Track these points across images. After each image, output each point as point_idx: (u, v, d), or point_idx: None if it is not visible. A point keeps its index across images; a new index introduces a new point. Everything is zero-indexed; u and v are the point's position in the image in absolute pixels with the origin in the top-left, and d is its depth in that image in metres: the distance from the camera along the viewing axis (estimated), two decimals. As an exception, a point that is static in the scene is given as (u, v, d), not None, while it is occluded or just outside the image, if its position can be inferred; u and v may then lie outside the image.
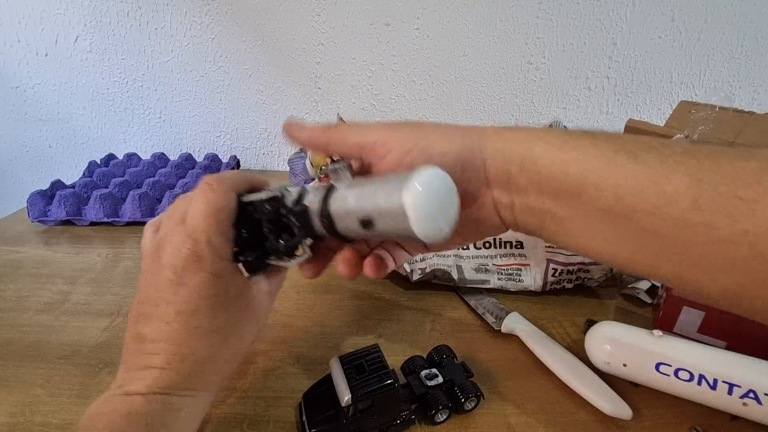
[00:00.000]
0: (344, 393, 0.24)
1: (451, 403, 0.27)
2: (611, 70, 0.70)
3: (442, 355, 0.30)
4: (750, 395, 0.26)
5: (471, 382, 0.28)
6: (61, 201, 0.50)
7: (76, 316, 0.35)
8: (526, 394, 0.29)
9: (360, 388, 0.24)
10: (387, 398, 0.24)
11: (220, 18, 0.66)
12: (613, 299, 0.40)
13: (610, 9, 0.66)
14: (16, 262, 0.43)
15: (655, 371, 0.28)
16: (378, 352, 0.26)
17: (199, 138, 0.74)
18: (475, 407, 0.28)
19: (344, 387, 0.24)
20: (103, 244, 0.47)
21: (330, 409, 0.25)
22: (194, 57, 0.68)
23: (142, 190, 0.53)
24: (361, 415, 0.24)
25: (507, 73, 0.70)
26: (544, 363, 0.31)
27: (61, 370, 0.30)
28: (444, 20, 0.66)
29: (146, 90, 0.70)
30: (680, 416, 0.28)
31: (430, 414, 0.26)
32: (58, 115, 0.72)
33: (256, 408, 0.27)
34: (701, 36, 0.68)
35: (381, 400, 0.24)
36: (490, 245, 0.41)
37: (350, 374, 0.25)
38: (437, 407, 0.26)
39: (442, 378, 0.27)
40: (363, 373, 0.25)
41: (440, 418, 0.27)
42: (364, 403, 0.24)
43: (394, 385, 0.24)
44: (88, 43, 0.67)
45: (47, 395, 0.28)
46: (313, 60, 0.69)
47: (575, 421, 0.27)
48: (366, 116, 0.73)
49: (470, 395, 0.27)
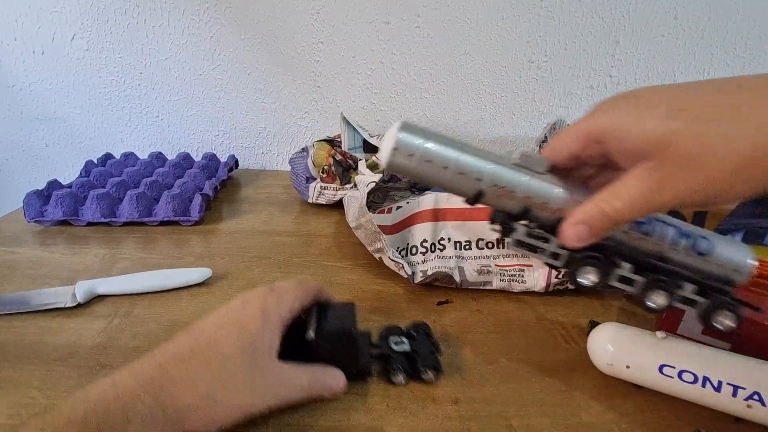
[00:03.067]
0: (311, 331, 0.27)
1: (411, 370, 0.29)
2: (614, 69, 0.70)
3: (419, 329, 0.32)
4: (754, 397, 0.25)
5: (435, 356, 0.30)
6: (58, 201, 0.50)
7: (72, 318, 0.35)
8: (528, 396, 0.29)
9: (323, 328, 0.28)
10: (346, 343, 0.28)
11: (218, 16, 0.65)
12: (616, 300, 0.40)
13: (612, 7, 0.65)
14: (12, 263, 0.43)
15: (659, 373, 0.28)
16: (351, 307, 0.29)
17: (197, 137, 0.74)
18: (434, 380, 0.29)
19: (313, 326, 0.28)
20: (100, 245, 0.47)
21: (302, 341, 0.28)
22: (192, 55, 0.68)
23: (140, 190, 0.52)
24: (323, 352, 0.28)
25: (508, 71, 0.70)
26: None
27: (57, 372, 0.30)
28: (445, 18, 0.66)
29: (144, 89, 0.70)
30: (684, 418, 0.27)
31: (388, 375, 0.29)
32: (54, 114, 0.71)
33: (255, 411, 0.27)
34: (704, 34, 0.67)
35: (340, 343, 0.28)
36: (493, 246, 0.41)
37: (321, 317, 0.28)
38: (394, 369, 0.29)
39: (409, 347, 0.30)
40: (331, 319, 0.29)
41: (397, 380, 0.29)
42: (325, 341, 0.27)
43: (350, 329, 0.28)
44: (85, 41, 0.66)
45: (43, 397, 0.28)
46: (313, 58, 0.68)
47: (578, 424, 0.27)
48: (366, 115, 0.72)
49: (429, 366, 0.29)
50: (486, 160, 0.24)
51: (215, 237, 0.50)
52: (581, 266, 0.24)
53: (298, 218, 0.55)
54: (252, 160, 0.76)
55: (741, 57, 0.69)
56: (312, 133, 0.74)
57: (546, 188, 0.24)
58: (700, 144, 0.18)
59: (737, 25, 0.66)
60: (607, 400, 0.29)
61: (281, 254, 0.46)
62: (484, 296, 0.39)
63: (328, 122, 0.72)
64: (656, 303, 0.24)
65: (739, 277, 0.24)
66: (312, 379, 0.26)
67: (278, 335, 0.26)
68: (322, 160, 0.58)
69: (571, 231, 0.22)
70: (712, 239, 0.24)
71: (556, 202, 0.24)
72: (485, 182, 0.24)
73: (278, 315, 0.26)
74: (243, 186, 0.67)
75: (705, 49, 0.68)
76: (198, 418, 0.22)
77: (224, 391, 0.23)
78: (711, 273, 0.24)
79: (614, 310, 0.39)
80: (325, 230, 0.52)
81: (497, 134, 0.74)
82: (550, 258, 0.25)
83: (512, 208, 0.24)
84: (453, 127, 0.74)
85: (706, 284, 0.24)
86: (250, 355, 0.24)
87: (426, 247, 0.41)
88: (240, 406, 0.23)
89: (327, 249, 0.48)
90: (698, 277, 0.24)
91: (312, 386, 0.26)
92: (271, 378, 0.25)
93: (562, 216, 0.23)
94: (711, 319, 0.24)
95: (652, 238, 0.24)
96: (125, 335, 0.33)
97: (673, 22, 0.66)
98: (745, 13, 0.66)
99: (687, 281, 0.24)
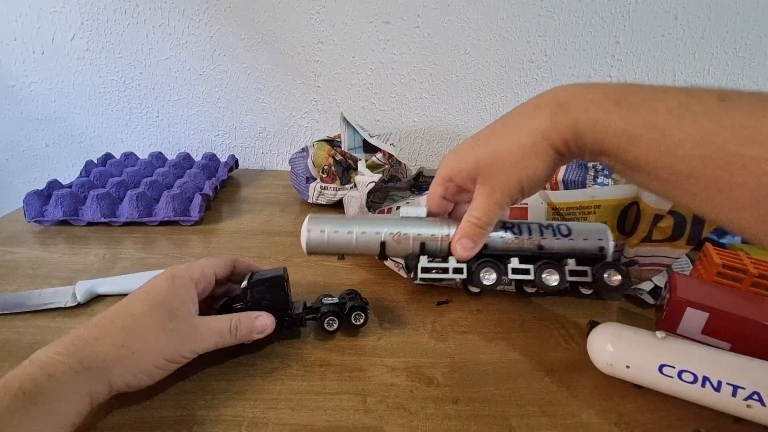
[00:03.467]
0: (245, 282, 0.31)
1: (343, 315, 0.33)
2: (614, 69, 0.70)
3: (351, 294, 0.35)
4: (754, 397, 0.25)
5: (363, 305, 0.33)
6: (58, 201, 0.50)
7: (73, 318, 0.35)
8: (528, 396, 0.29)
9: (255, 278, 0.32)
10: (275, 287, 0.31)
11: (218, 16, 0.65)
12: (616, 300, 0.40)
13: (612, 6, 0.65)
14: (12, 263, 0.43)
15: (659, 373, 0.28)
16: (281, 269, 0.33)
17: (197, 137, 0.74)
18: (363, 324, 0.33)
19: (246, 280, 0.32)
20: (100, 245, 0.47)
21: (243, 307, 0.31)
22: (192, 55, 0.68)
23: (140, 190, 0.52)
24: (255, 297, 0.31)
25: (508, 71, 0.70)
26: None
27: (57, 372, 0.30)
28: (445, 18, 0.66)
29: (144, 89, 0.70)
30: (683, 418, 0.27)
31: (323, 325, 0.32)
32: (54, 114, 0.71)
33: (255, 410, 0.27)
34: (705, 34, 0.67)
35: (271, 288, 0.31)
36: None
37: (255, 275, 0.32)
38: (326, 316, 0.32)
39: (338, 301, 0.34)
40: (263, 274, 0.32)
41: (331, 327, 0.33)
42: (256, 286, 0.31)
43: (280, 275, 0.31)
44: (85, 41, 0.66)
45: (43, 398, 0.28)
46: (313, 58, 0.68)
47: (578, 424, 0.27)
48: (366, 115, 0.72)
49: (357, 311, 0.33)
50: (380, 220, 0.32)
51: (215, 237, 0.50)
52: (481, 270, 0.30)
53: (298, 218, 0.55)
54: (252, 160, 0.76)
55: (741, 57, 0.69)
56: (312, 133, 0.74)
57: (429, 226, 0.31)
58: (491, 156, 0.27)
59: (737, 25, 0.66)
60: (607, 400, 0.29)
61: (281, 254, 0.46)
62: (484, 296, 0.39)
63: (328, 122, 0.72)
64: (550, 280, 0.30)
65: (607, 245, 0.30)
66: (234, 324, 0.29)
67: (191, 294, 0.29)
68: (322, 160, 0.58)
69: (458, 246, 0.30)
70: (570, 225, 0.31)
71: (440, 232, 0.31)
72: (384, 235, 0.31)
73: (188, 276, 0.29)
74: (243, 186, 0.67)
75: (705, 49, 0.68)
76: (121, 367, 0.24)
77: (138, 340, 0.25)
78: (583, 249, 0.30)
79: (614, 310, 0.39)
80: (325, 230, 0.52)
81: (497, 134, 0.74)
82: (454, 274, 0.30)
83: (412, 248, 0.31)
84: (453, 127, 0.74)
85: (584, 255, 0.30)
86: (161, 310, 0.26)
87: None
88: (158, 351, 0.26)
89: (327, 249, 0.48)
90: (575, 252, 0.30)
91: (235, 329, 0.29)
92: (186, 327, 0.27)
93: (450, 241, 0.31)
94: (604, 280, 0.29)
95: (523, 236, 0.30)
96: (125, 335, 0.33)
97: (673, 22, 0.66)
98: (745, 13, 0.66)
99: (568, 257, 0.30)
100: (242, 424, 0.26)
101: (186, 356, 0.27)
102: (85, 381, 0.23)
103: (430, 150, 0.75)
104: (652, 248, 0.36)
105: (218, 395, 0.28)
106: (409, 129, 0.74)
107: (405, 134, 0.74)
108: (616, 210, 0.36)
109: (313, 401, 0.28)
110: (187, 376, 0.29)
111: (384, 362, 0.31)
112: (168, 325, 0.26)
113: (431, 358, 0.32)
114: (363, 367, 0.31)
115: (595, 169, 0.47)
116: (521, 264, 0.30)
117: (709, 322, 0.31)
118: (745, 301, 0.32)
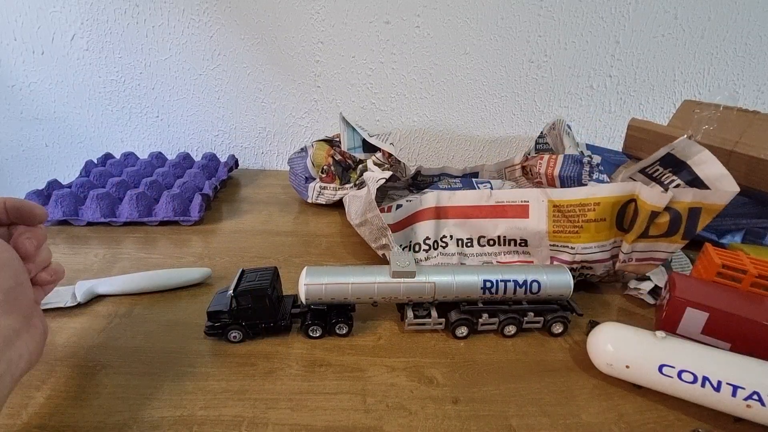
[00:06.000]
0: (230, 291, 0.32)
1: (326, 326, 0.33)
2: (614, 69, 0.70)
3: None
4: (754, 397, 0.25)
5: (348, 314, 0.33)
6: (58, 201, 0.50)
7: (72, 318, 0.35)
8: (528, 396, 0.29)
9: (240, 287, 0.32)
10: (261, 301, 0.31)
11: (218, 16, 0.65)
12: (615, 300, 0.40)
13: (612, 6, 0.65)
14: (12, 263, 0.43)
15: (658, 373, 0.28)
16: (273, 270, 0.34)
17: (197, 137, 0.74)
18: (347, 333, 0.33)
19: (233, 285, 0.32)
20: (100, 245, 0.47)
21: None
22: (192, 55, 0.68)
23: (140, 190, 0.52)
24: (242, 310, 0.32)
25: (508, 71, 0.70)
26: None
27: (57, 371, 0.30)
28: (444, 18, 0.66)
29: (144, 89, 0.70)
30: (683, 418, 0.28)
31: (306, 330, 0.33)
32: (54, 114, 0.71)
33: (255, 410, 0.27)
34: (705, 34, 0.67)
35: (255, 302, 0.31)
36: (494, 243, 0.41)
37: (243, 279, 0.33)
38: (310, 323, 0.33)
39: (326, 308, 0.33)
40: (250, 281, 0.32)
41: (314, 333, 0.33)
42: (243, 301, 0.31)
43: (265, 289, 0.31)
44: (84, 41, 0.66)
45: (43, 397, 0.28)
46: (313, 58, 0.68)
47: (578, 424, 0.27)
48: (366, 115, 0.72)
49: (341, 321, 0.33)
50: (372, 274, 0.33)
51: (215, 237, 0.50)
52: (456, 328, 0.34)
53: (297, 218, 0.55)
54: (252, 160, 0.76)
55: (741, 57, 0.69)
56: (312, 133, 0.74)
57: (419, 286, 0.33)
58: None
59: (737, 25, 0.66)
60: (607, 400, 0.29)
61: (281, 254, 0.46)
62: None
63: (328, 122, 0.72)
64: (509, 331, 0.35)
65: (567, 293, 0.34)
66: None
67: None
68: (322, 160, 0.58)
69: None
70: (542, 277, 0.34)
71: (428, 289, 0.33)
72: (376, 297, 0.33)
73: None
74: (243, 186, 0.67)
75: (705, 49, 0.68)
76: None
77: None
78: (548, 297, 0.34)
79: (614, 310, 0.39)
80: (325, 230, 0.52)
81: (497, 134, 0.74)
82: (436, 325, 0.34)
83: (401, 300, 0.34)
84: (453, 127, 0.74)
85: (544, 309, 0.34)
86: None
87: (429, 245, 0.41)
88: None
89: (326, 249, 0.48)
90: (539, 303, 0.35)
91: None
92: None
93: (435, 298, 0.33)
94: (550, 329, 0.35)
95: (499, 295, 0.34)
96: (125, 335, 0.33)
97: (673, 22, 0.66)
98: (745, 13, 0.66)
99: (530, 311, 0.34)
100: (242, 424, 0.26)
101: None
102: None
103: (429, 150, 0.76)
104: (648, 243, 0.36)
105: (218, 395, 0.28)
106: (409, 129, 0.74)
107: (405, 134, 0.74)
108: (615, 207, 0.37)
109: (313, 401, 0.28)
110: (187, 376, 0.29)
111: (384, 362, 0.31)
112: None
113: (431, 358, 0.32)
114: (363, 367, 0.31)
115: (590, 165, 0.47)
116: (491, 318, 0.34)
117: (708, 322, 0.31)
118: (745, 301, 0.32)
